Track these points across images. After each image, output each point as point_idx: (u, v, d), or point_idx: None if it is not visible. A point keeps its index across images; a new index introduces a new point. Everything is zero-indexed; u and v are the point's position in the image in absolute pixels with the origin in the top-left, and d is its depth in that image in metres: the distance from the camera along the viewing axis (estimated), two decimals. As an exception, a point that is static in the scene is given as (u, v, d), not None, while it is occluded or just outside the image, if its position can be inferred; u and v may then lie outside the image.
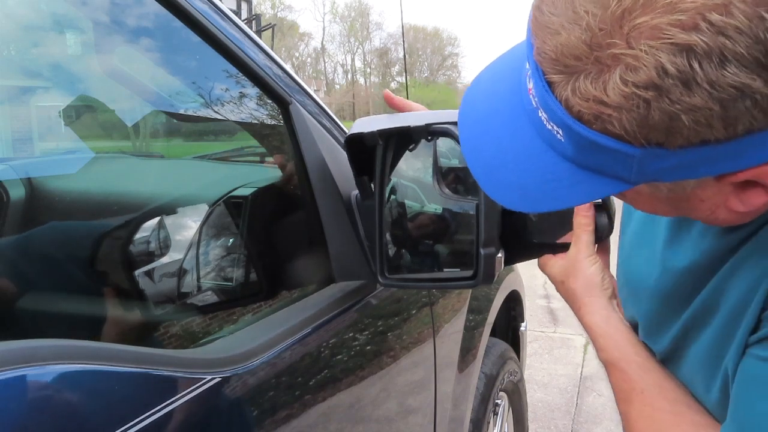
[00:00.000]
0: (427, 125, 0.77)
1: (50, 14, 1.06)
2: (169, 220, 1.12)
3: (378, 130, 0.82)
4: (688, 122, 0.41)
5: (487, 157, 0.54)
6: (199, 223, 1.10)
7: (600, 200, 0.76)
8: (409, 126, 0.79)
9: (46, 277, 0.98)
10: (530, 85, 0.49)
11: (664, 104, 0.41)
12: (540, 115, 0.48)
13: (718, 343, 0.58)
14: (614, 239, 0.79)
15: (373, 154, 0.84)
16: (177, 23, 0.91)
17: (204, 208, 1.13)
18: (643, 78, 0.41)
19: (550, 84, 0.46)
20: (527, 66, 0.49)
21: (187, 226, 1.12)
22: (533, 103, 0.49)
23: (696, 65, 0.39)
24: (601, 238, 0.77)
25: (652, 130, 0.42)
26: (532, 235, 0.81)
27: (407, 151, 0.84)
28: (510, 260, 0.84)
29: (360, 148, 0.85)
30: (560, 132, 0.47)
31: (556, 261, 0.79)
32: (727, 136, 0.42)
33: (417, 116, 0.80)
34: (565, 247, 0.78)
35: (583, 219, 0.76)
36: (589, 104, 0.43)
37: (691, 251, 0.62)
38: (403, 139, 0.82)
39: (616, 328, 0.72)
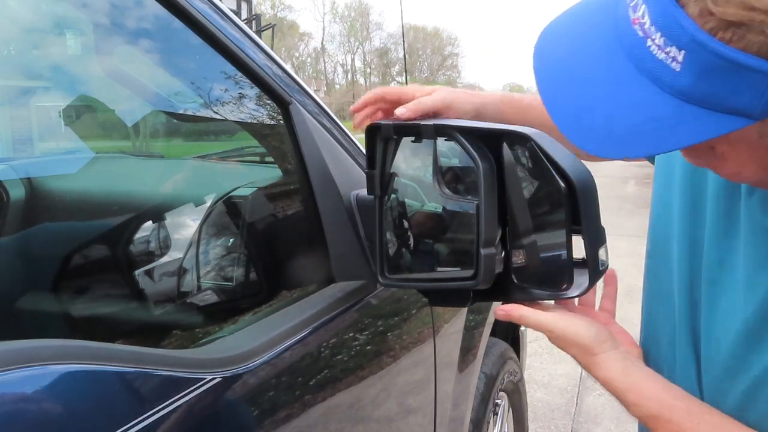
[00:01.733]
0: (435, 125, 0.77)
1: (50, 15, 1.06)
2: (169, 220, 1.12)
3: (394, 124, 0.82)
4: None
5: (571, 101, 0.50)
6: (199, 222, 1.10)
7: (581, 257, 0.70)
8: (419, 124, 0.79)
9: (43, 277, 0.98)
10: (638, 13, 0.46)
11: None
12: (649, 44, 0.45)
13: None
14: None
15: (384, 148, 0.84)
16: (177, 23, 0.91)
17: (204, 208, 1.14)
18: None
19: (678, 1, 0.43)
20: None
21: (187, 225, 1.12)
22: (639, 32, 0.46)
23: None
24: (597, 277, 0.71)
25: None
26: (515, 273, 0.75)
27: (409, 148, 0.84)
28: (483, 296, 0.79)
29: (375, 140, 0.84)
30: (679, 57, 0.43)
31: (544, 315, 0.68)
32: None
33: (429, 120, 0.80)
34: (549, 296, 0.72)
35: (525, 319, 0.67)
36: (735, 11, 0.41)
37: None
38: (413, 137, 0.82)
39: (640, 377, 0.64)
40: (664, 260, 0.72)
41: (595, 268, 0.70)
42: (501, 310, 0.71)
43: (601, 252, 0.71)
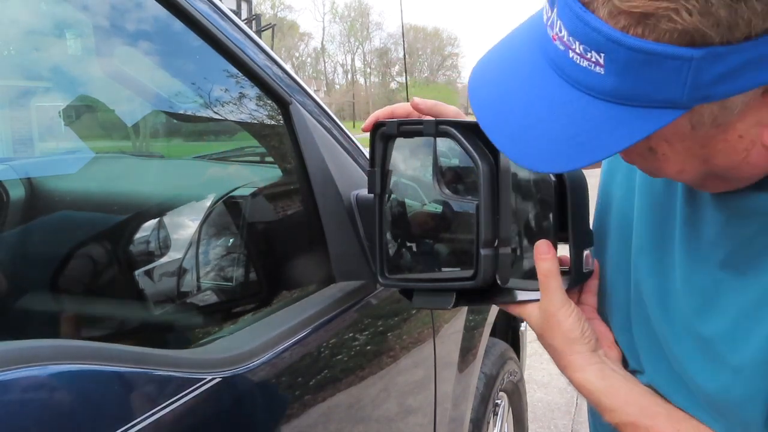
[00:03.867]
0: (436, 122, 0.77)
1: (51, 15, 1.06)
2: (169, 220, 1.12)
3: (398, 121, 0.82)
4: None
5: (510, 124, 0.51)
6: (199, 222, 1.10)
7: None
8: (422, 121, 0.79)
9: (42, 277, 0.98)
10: (555, 29, 0.47)
11: None
12: (571, 55, 0.46)
13: None
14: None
15: (384, 146, 0.83)
16: (177, 24, 0.91)
17: (204, 208, 1.14)
18: None
19: (586, 5, 0.45)
20: (546, 15, 0.49)
21: (187, 225, 1.12)
22: (560, 46, 0.47)
23: None
24: (580, 279, 0.71)
25: (712, 19, 0.41)
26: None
27: (409, 147, 0.84)
28: (466, 300, 0.78)
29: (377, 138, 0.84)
30: (600, 60, 0.45)
31: (532, 309, 0.68)
32: None
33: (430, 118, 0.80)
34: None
35: (544, 263, 0.65)
36: (641, 3, 0.42)
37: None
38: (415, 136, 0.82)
39: (618, 381, 0.63)
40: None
41: (578, 270, 0.70)
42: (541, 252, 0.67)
43: (586, 254, 0.72)
